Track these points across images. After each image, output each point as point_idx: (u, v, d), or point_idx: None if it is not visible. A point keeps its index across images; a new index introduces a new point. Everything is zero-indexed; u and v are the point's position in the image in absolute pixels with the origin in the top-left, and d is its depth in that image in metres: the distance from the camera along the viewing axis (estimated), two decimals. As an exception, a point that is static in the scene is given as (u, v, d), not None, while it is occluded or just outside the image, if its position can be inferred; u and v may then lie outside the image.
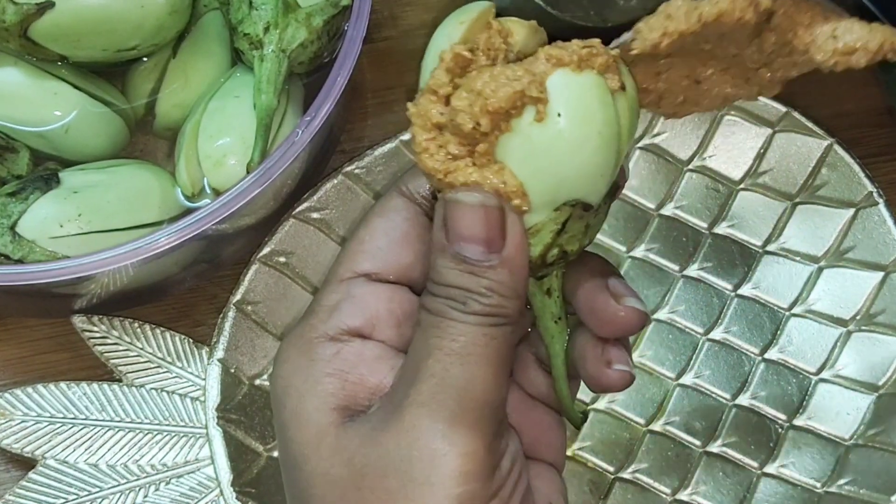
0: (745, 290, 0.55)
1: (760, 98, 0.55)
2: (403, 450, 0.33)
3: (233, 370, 0.51)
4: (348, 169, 0.54)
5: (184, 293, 0.55)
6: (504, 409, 0.35)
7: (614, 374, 0.37)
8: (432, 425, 0.33)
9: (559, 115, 0.32)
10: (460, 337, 0.33)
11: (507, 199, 0.33)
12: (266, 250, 0.53)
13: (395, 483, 0.33)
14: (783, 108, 0.55)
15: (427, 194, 0.37)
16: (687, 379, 0.53)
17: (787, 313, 0.54)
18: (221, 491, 0.49)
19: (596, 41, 0.34)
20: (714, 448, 0.52)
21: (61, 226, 0.49)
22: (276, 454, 0.50)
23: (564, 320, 0.37)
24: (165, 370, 0.51)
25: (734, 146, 0.56)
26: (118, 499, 0.49)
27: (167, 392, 0.51)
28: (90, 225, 0.49)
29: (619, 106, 0.34)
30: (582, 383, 0.38)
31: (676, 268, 0.55)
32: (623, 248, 0.55)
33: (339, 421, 0.34)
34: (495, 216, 0.33)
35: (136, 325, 0.52)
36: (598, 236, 0.47)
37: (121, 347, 0.51)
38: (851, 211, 0.54)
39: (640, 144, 0.56)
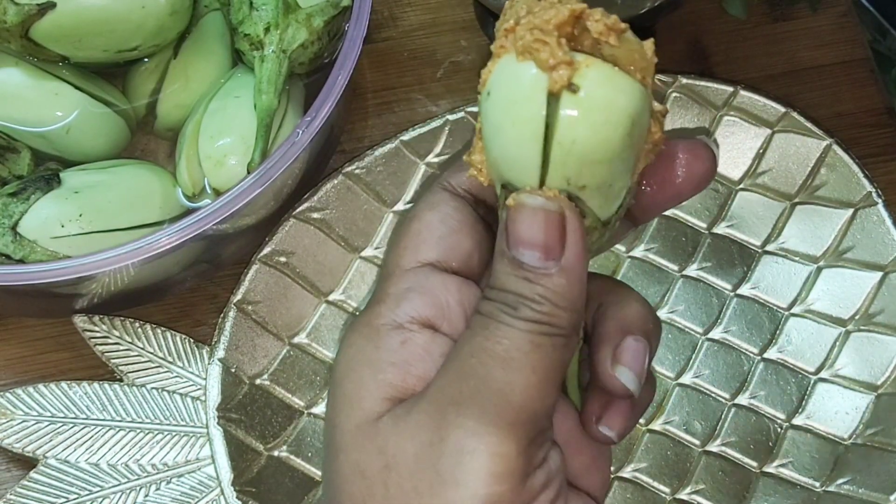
0: (745, 289, 0.55)
1: (760, 98, 0.55)
2: (434, 445, 0.32)
3: (233, 370, 0.51)
4: (348, 169, 0.54)
5: (184, 293, 0.55)
6: (547, 421, 0.34)
7: (617, 383, 0.36)
8: (465, 423, 0.32)
9: (489, 93, 0.32)
10: (505, 340, 0.32)
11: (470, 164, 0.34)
12: (267, 250, 0.53)
13: (422, 479, 0.32)
14: (782, 109, 0.55)
15: (469, 189, 0.37)
16: (686, 378, 0.53)
17: (787, 313, 0.54)
18: (222, 490, 0.49)
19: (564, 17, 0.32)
20: (713, 447, 0.52)
21: (62, 226, 0.49)
22: (275, 453, 0.51)
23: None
24: (166, 370, 0.51)
25: (733, 146, 0.56)
26: (119, 498, 0.49)
27: (168, 392, 0.51)
28: (91, 225, 0.49)
29: (564, 107, 0.31)
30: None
31: (676, 268, 0.55)
32: (622, 248, 0.55)
33: (386, 411, 0.34)
34: (555, 222, 0.32)
35: (137, 324, 0.52)
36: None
37: (122, 347, 0.51)
38: (850, 211, 0.54)
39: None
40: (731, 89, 0.55)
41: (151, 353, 0.52)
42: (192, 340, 0.52)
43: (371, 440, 0.33)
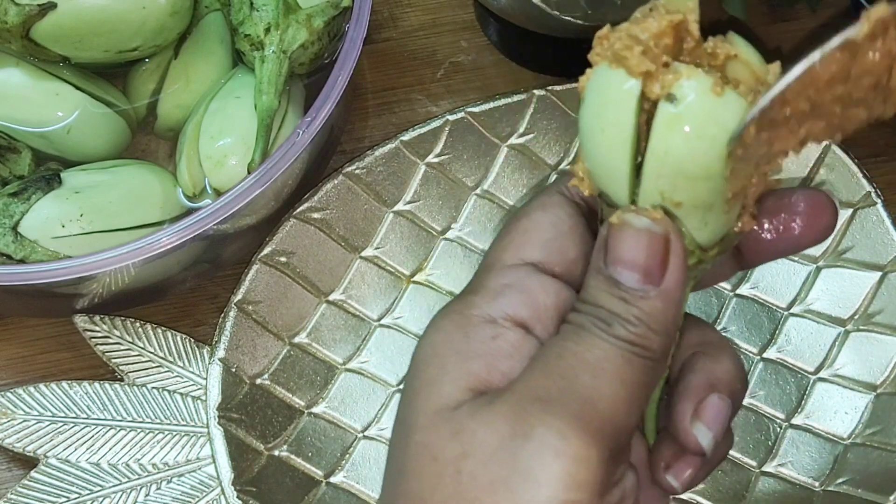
0: (744, 289, 0.55)
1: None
2: (516, 438, 0.31)
3: (234, 369, 0.51)
4: (349, 169, 0.54)
5: (185, 293, 0.55)
6: (628, 439, 0.33)
7: (693, 439, 0.35)
8: (551, 421, 0.31)
9: (582, 100, 0.32)
10: (596, 350, 0.32)
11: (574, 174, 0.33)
12: (267, 250, 0.53)
13: (499, 471, 0.31)
14: (782, 109, 0.55)
15: (585, 197, 0.36)
16: (686, 378, 0.53)
17: (786, 313, 0.54)
18: (222, 490, 0.49)
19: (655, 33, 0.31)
20: (713, 447, 0.52)
21: (63, 226, 0.49)
22: (276, 453, 0.51)
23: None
24: (167, 369, 0.51)
25: (733, 146, 0.56)
26: (119, 498, 0.49)
27: (168, 391, 0.51)
28: (92, 225, 0.49)
29: (659, 116, 0.31)
30: None
31: (675, 268, 0.55)
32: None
33: (465, 402, 0.33)
34: (658, 245, 0.32)
35: (138, 324, 0.52)
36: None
37: (122, 347, 0.52)
38: (849, 211, 0.54)
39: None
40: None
41: (152, 353, 0.52)
42: (192, 340, 0.52)
43: (448, 425, 0.32)
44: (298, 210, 0.53)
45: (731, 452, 0.52)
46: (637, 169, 0.31)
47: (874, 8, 0.29)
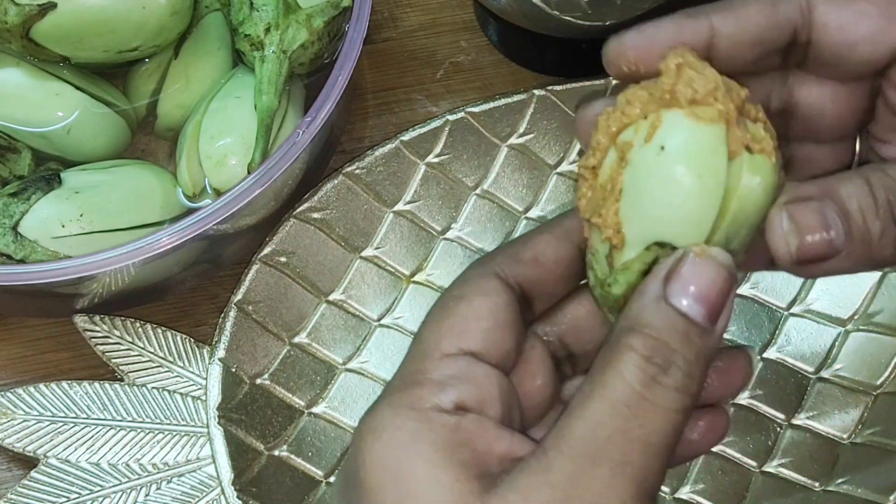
0: (744, 289, 0.55)
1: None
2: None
3: (234, 370, 0.51)
4: (349, 169, 0.54)
5: (185, 293, 0.55)
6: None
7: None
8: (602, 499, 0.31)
9: (662, 147, 0.31)
10: (648, 425, 0.31)
11: (602, 230, 0.33)
12: (267, 250, 0.53)
13: None
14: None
15: (521, 283, 0.36)
16: (686, 378, 0.53)
17: (786, 313, 0.54)
18: (222, 490, 0.49)
19: (734, 85, 0.32)
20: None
21: (63, 226, 0.49)
22: (276, 453, 0.51)
23: None
24: (167, 370, 0.51)
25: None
26: (119, 498, 0.49)
27: (168, 391, 0.51)
28: (92, 225, 0.49)
29: (738, 166, 0.31)
30: None
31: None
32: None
33: (481, 490, 0.32)
34: (729, 283, 0.31)
35: (138, 324, 0.52)
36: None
37: (122, 347, 0.52)
38: (849, 211, 0.54)
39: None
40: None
41: (152, 353, 0.52)
42: (192, 340, 0.52)
43: None
44: (298, 210, 0.53)
45: (731, 452, 0.52)
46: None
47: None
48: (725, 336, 0.53)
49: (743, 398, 0.53)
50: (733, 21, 0.34)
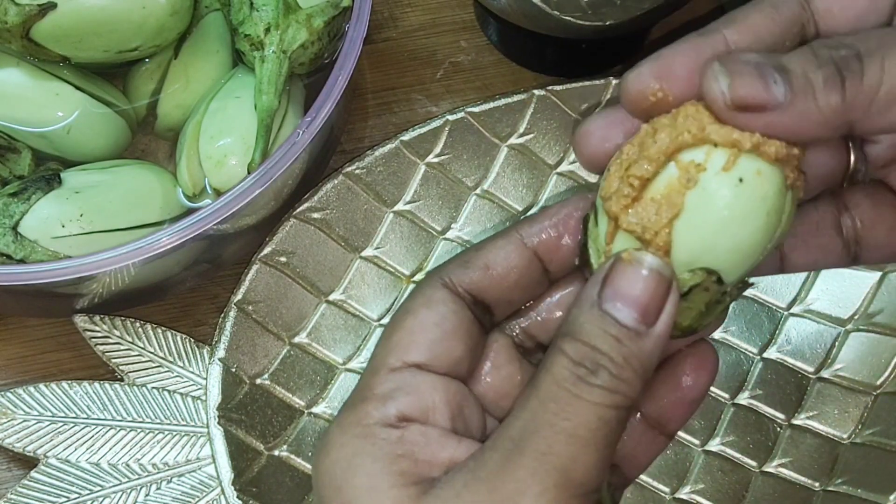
0: (744, 289, 0.55)
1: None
2: None
3: (234, 369, 0.51)
4: (349, 169, 0.54)
5: (185, 293, 0.55)
6: (601, 491, 0.33)
7: None
8: (523, 502, 0.31)
9: (741, 179, 0.32)
10: (574, 417, 0.31)
11: (648, 244, 0.32)
12: (267, 250, 0.53)
13: None
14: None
15: (470, 289, 0.36)
16: (686, 378, 0.53)
17: (786, 313, 0.54)
18: (222, 490, 0.49)
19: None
20: (713, 447, 0.52)
21: (63, 226, 0.49)
22: (276, 453, 0.51)
23: None
24: (167, 369, 0.51)
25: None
26: (119, 498, 0.49)
27: (168, 391, 0.51)
28: (92, 225, 0.49)
29: (788, 200, 0.33)
30: None
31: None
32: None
33: (418, 493, 0.33)
34: (663, 287, 0.32)
35: (138, 324, 0.52)
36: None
37: (122, 347, 0.52)
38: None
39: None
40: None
41: (152, 353, 0.52)
42: (192, 340, 0.52)
43: None
44: (298, 210, 0.53)
45: (731, 452, 0.52)
46: None
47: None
48: (726, 336, 0.54)
49: (743, 398, 0.53)
50: (745, 32, 0.34)
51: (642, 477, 0.52)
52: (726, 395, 0.53)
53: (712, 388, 0.53)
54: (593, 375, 0.31)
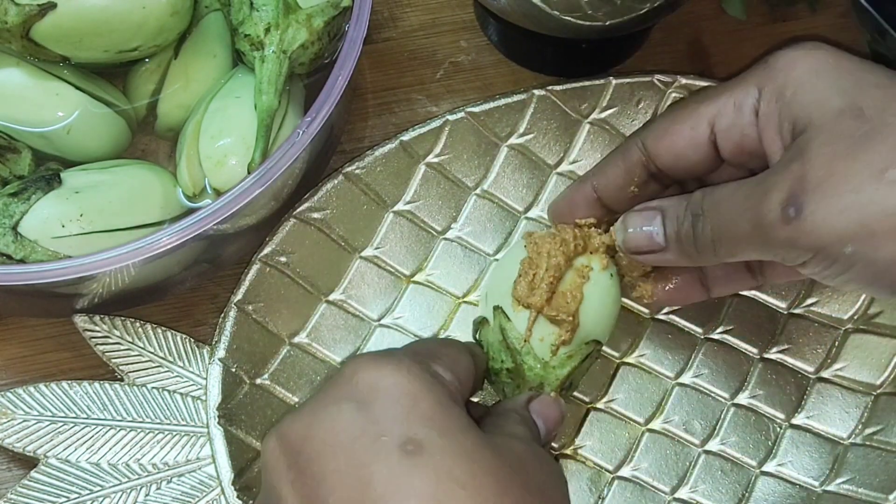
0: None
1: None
2: None
3: (234, 369, 0.51)
4: (349, 169, 0.54)
5: (185, 293, 0.55)
6: None
7: None
8: None
9: (612, 275, 0.47)
10: (513, 444, 0.41)
11: (561, 325, 0.45)
12: (267, 250, 0.53)
13: None
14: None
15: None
16: (686, 378, 0.53)
17: (786, 313, 0.54)
18: (222, 489, 0.49)
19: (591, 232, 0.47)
20: (713, 447, 0.52)
21: (63, 226, 0.49)
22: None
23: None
24: (167, 369, 0.51)
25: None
26: (119, 497, 0.49)
27: (168, 391, 0.51)
28: (92, 225, 0.49)
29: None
30: None
31: (675, 268, 0.55)
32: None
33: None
34: (561, 421, 0.45)
35: (138, 324, 0.52)
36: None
37: (122, 347, 0.52)
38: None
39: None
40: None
41: (152, 353, 0.52)
42: (192, 340, 0.52)
43: None
44: (298, 210, 0.53)
45: (732, 452, 0.52)
46: None
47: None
48: (726, 337, 0.54)
49: (743, 398, 0.53)
50: (604, 178, 0.48)
51: (642, 476, 0.52)
52: (726, 395, 0.53)
53: (713, 388, 0.53)
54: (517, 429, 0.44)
